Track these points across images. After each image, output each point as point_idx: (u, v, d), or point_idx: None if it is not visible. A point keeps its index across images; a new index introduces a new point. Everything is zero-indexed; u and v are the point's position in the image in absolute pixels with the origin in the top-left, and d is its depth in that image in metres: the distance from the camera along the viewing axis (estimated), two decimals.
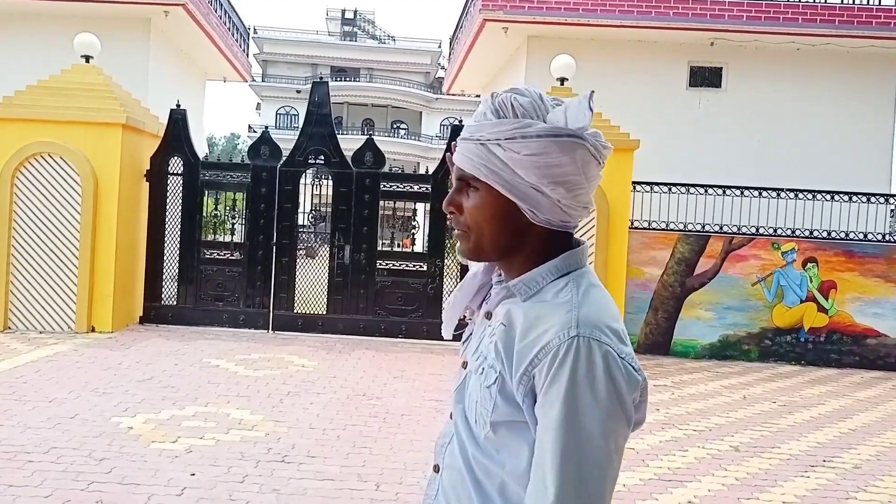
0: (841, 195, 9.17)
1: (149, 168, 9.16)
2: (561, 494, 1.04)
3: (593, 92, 1.19)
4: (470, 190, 1.18)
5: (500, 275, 1.26)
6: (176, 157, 9.21)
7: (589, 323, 1.09)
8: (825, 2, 10.94)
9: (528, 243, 1.19)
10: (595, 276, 1.21)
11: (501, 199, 1.16)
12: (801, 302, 9.05)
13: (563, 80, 8.86)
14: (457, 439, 1.23)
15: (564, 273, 1.18)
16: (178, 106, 9.30)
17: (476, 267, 1.31)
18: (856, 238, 9.11)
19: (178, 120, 9.19)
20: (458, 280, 9.08)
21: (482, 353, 1.20)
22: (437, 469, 1.27)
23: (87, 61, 8.94)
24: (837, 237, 9.10)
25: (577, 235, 1.25)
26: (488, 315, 1.24)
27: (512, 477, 1.14)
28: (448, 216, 1.23)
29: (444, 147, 9.45)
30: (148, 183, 9.16)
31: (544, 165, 1.12)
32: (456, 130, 9.40)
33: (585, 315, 1.10)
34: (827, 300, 9.06)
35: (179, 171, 9.21)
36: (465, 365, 1.27)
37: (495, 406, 1.14)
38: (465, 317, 1.35)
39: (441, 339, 9.36)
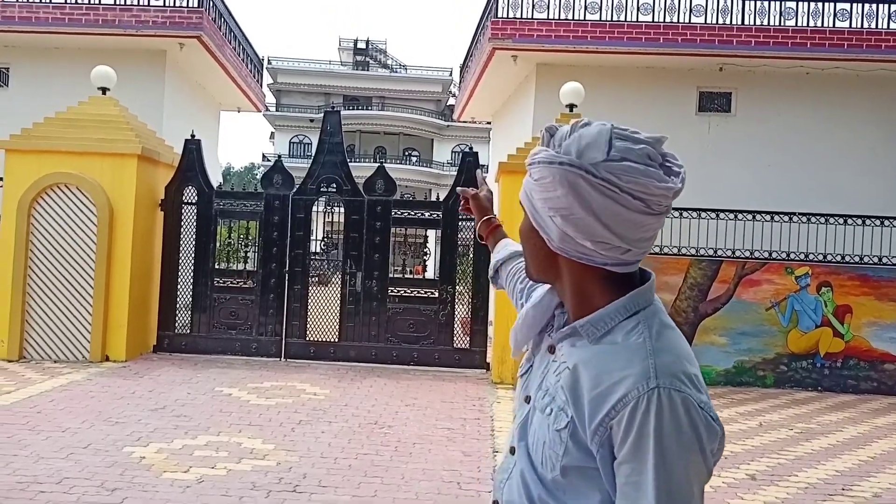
0: (854, 219, 9.12)
1: (163, 197, 9.27)
2: None
3: (613, 124, 1.13)
4: None
5: (562, 306, 1.24)
6: (190, 187, 9.33)
7: (667, 372, 1.05)
8: (833, 26, 10.97)
9: (562, 272, 1.17)
10: (665, 314, 1.15)
11: (530, 221, 1.19)
12: (817, 327, 8.96)
13: (571, 107, 8.93)
14: (519, 476, 1.19)
15: (634, 312, 1.13)
16: (193, 136, 9.43)
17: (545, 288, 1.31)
18: (870, 262, 9.04)
19: (192, 150, 9.31)
20: (471, 306, 9.08)
21: (549, 393, 1.16)
22: None
23: (104, 93, 9.11)
24: (852, 261, 9.03)
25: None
26: (551, 349, 1.21)
27: None
28: None
29: (456, 173, 9.51)
30: (162, 212, 9.27)
31: (542, 190, 1.12)
32: (466, 157, 9.46)
33: (663, 363, 1.06)
34: (842, 325, 8.97)
35: (194, 201, 9.31)
36: (527, 399, 1.22)
37: (566, 451, 1.10)
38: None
39: (452, 366, 9.22)
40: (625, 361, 1.07)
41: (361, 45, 46.63)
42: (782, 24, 11.02)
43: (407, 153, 44.18)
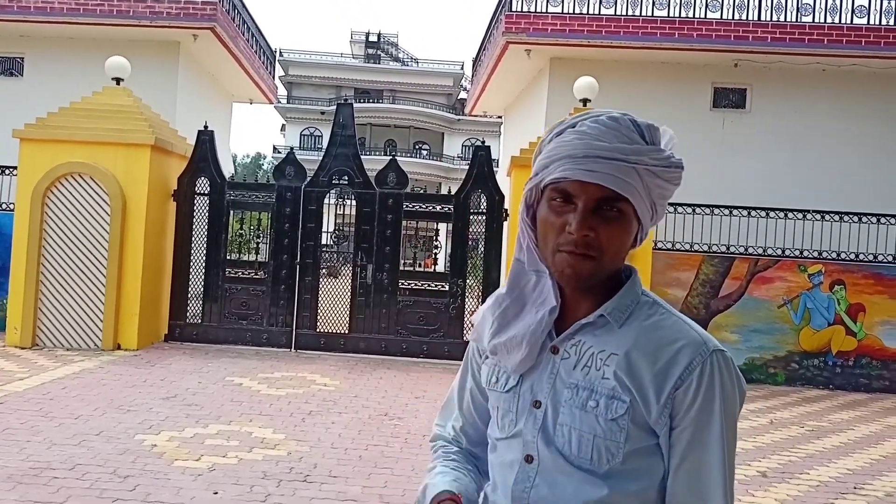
0: (869, 217, 9.04)
1: (176, 188, 9.31)
2: (729, 499, 1.14)
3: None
4: (608, 212, 1.14)
5: (553, 309, 1.20)
6: (203, 178, 9.35)
7: (710, 338, 1.17)
8: (850, 22, 10.87)
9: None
10: None
11: (634, 223, 1.17)
12: (829, 325, 8.91)
13: (585, 101, 8.89)
14: (555, 480, 1.17)
15: (639, 295, 1.22)
16: (206, 127, 9.45)
17: (505, 296, 1.26)
18: (885, 261, 8.97)
19: (205, 141, 9.34)
20: (481, 300, 9.06)
21: (582, 387, 1.17)
22: None
23: (118, 83, 9.14)
24: (865, 259, 8.96)
25: None
26: (554, 349, 1.21)
27: (640, 498, 1.15)
28: (582, 236, 1.12)
29: (468, 166, 9.49)
30: (175, 202, 9.31)
31: (671, 188, 1.18)
32: (479, 151, 9.43)
33: (701, 330, 1.18)
34: (855, 323, 8.91)
35: (206, 192, 9.34)
36: (537, 404, 1.21)
37: (628, 436, 1.14)
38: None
39: (462, 359, 9.38)
40: (673, 334, 1.16)
41: (373, 38, 46.59)
42: (799, 19, 10.92)
43: (417, 146, 44.15)
